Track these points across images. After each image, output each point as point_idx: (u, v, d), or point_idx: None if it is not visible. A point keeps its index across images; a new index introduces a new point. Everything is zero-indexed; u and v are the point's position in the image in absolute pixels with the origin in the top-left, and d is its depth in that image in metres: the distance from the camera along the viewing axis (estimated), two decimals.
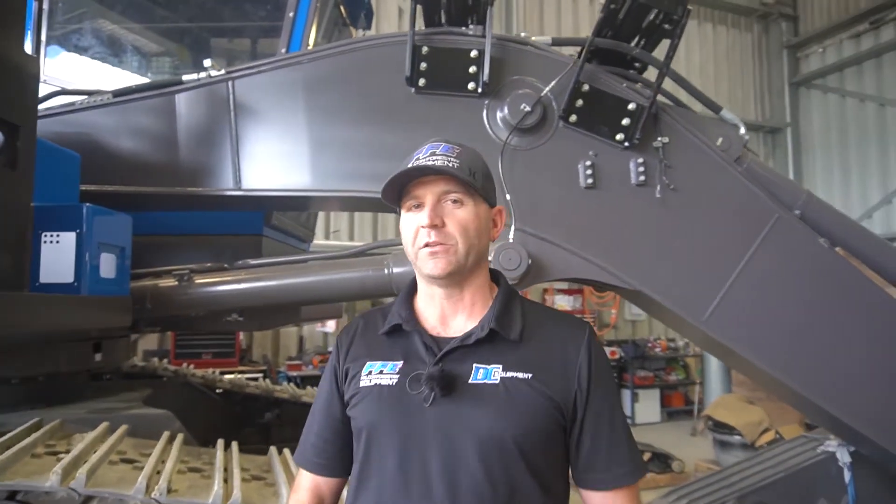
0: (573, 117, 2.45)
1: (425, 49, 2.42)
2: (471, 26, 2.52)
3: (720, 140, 2.51)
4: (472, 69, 2.44)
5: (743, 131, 2.54)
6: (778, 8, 12.51)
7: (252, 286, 2.63)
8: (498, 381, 1.10)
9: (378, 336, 1.23)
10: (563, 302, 10.30)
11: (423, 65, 2.43)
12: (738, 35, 12.54)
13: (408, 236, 1.17)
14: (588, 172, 2.43)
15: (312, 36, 3.18)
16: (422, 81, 2.45)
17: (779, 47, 12.63)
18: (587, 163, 2.44)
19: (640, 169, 2.43)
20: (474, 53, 2.43)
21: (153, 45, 3.81)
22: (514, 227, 2.37)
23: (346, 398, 1.22)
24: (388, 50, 2.52)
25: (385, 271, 2.47)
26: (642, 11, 2.35)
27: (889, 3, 10.79)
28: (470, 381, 1.10)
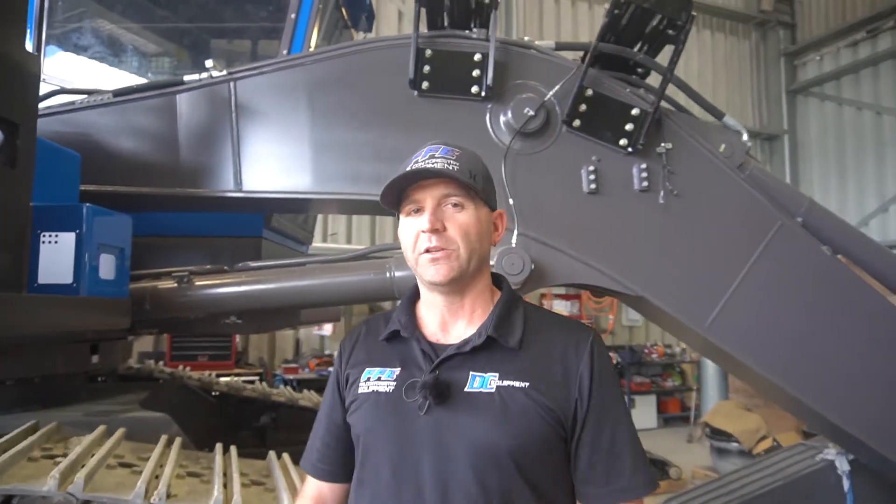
0: (577, 122, 2.45)
1: (429, 52, 2.42)
2: (474, 30, 2.51)
3: (723, 146, 2.51)
4: (476, 73, 2.43)
5: (745, 138, 2.55)
6: (776, 16, 12.58)
7: (253, 289, 2.61)
8: (493, 390, 1.07)
9: (378, 342, 1.22)
10: (561, 307, 10.30)
11: (427, 68, 2.42)
12: (735, 42, 12.59)
13: (407, 242, 1.15)
14: (591, 177, 2.42)
15: (314, 38, 3.18)
16: (425, 84, 2.44)
17: (776, 55, 12.69)
18: (590, 168, 2.43)
19: (644, 174, 2.43)
20: (478, 57, 2.42)
21: (150, 45, 3.79)
22: (516, 232, 2.36)
23: (346, 404, 1.21)
24: (391, 52, 2.51)
25: (387, 275, 2.46)
26: (646, 17, 2.35)
27: (886, 12, 10.86)
28: (465, 389, 1.08)
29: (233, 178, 2.53)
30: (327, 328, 8.60)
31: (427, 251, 1.11)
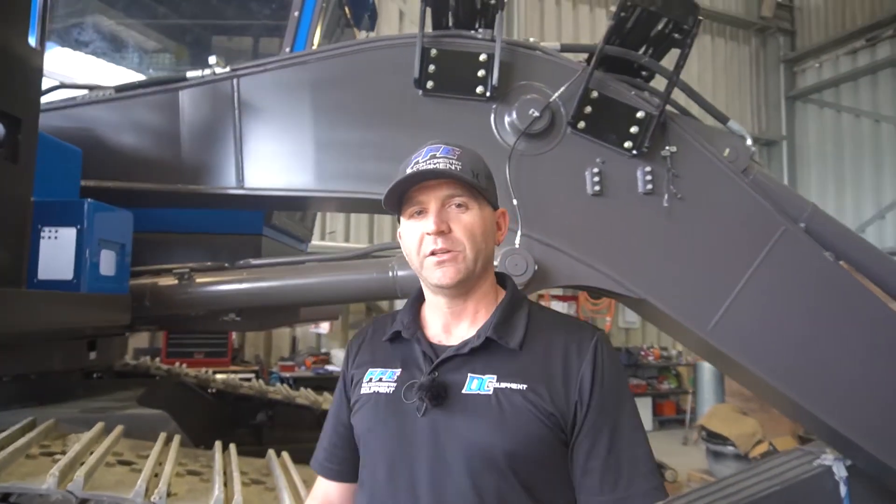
0: (581, 124, 2.44)
1: (434, 51, 2.41)
2: (479, 30, 2.50)
3: (727, 151, 2.50)
4: (481, 73, 2.42)
5: (750, 143, 2.54)
6: (776, 22, 12.62)
7: (254, 286, 2.59)
8: (491, 392, 1.05)
9: (382, 343, 1.21)
10: (558, 308, 10.24)
11: (432, 67, 2.41)
12: (735, 47, 12.63)
13: (411, 245, 1.13)
14: (595, 179, 2.42)
15: (316, 36, 3.17)
16: (430, 84, 2.43)
17: (776, 61, 12.73)
18: (595, 170, 2.43)
19: (648, 177, 2.42)
20: (483, 57, 2.41)
21: (151, 42, 3.77)
22: (520, 233, 2.35)
23: (351, 404, 1.20)
24: (396, 51, 2.50)
25: (389, 274, 2.45)
26: (652, 20, 2.35)
27: (885, 21, 10.92)
28: (463, 391, 1.07)
29: (235, 175, 2.51)
30: (324, 326, 8.58)
31: (433, 254, 1.09)
